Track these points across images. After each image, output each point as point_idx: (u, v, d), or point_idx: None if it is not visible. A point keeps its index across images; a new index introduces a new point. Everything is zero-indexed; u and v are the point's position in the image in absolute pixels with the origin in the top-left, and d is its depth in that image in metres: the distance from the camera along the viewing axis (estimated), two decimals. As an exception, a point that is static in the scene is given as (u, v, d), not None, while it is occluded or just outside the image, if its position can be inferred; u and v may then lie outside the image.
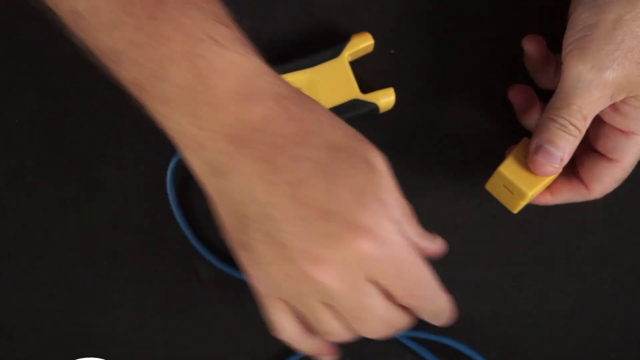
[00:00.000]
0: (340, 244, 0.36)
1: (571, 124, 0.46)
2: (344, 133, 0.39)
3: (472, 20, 0.56)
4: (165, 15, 0.37)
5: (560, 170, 0.48)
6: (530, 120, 0.52)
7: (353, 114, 0.53)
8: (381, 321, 0.41)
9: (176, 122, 0.38)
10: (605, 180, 0.49)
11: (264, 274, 0.39)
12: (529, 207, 0.55)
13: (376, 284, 0.39)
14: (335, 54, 0.53)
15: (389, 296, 0.40)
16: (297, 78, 0.53)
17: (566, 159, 0.47)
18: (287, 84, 0.40)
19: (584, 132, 0.47)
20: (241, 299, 0.55)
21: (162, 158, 0.54)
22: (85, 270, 0.55)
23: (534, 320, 0.55)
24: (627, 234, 0.55)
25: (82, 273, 0.55)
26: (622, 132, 0.48)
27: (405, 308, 0.42)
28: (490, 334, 0.55)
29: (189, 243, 0.54)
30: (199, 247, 0.54)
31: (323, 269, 0.37)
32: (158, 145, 0.48)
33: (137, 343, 0.55)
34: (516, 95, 0.53)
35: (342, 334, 0.42)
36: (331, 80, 0.53)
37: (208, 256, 0.54)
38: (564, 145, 0.46)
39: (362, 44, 0.54)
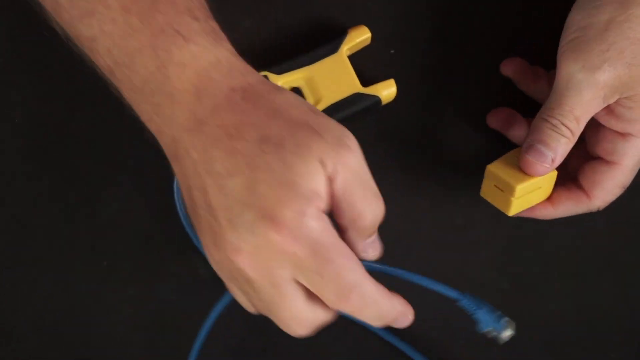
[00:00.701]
0: (252, 235, 0.37)
1: (563, 124, 0.46)
2: (284, 124, 0.39)
3: (471, 11, 0.56)
4: (137, 8, 0.40)
5: (551, 170, 0.48)
6: (517, 136, 0.53)
7: (356, 108, 0.53)
8: (296, 321, 0.40)
9: (143, 110, 0.42)
10: (605, 185, 0.49)
11: (209, 255, 0.41)
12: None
13: (300, 284, 0.39)
14: (334, 49, 0.53)
15: (315, 297, 0.40)
16: (296, 77, 0.53)
17: (558, 160, 0.47)
18: (247, 75, 0.41)
19: (577, 133, 0.47)
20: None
21: (164, 157, 0.54)
22: (85, 270, 0.55)
23: (534, 320, 0.55)
24: (627, 234, 0.55)
25: (82, 273, 0.55)
26: (619, 134, 0.48)
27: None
28: (490, 334, 0.55)
29: (189, 243, 0.54)
30: (199, 247, 0.54)
31: (241, 257, 0.38)
32: (159, 144, 0.48)
33: (137, 343, 0.55)
34: (494, 121, 0.54)
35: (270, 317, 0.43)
36: (331, 76, 0.53)
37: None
38: (555, 145, 0.46)
39: (359, 37, 0.54)
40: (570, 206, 0.51)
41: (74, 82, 0.56)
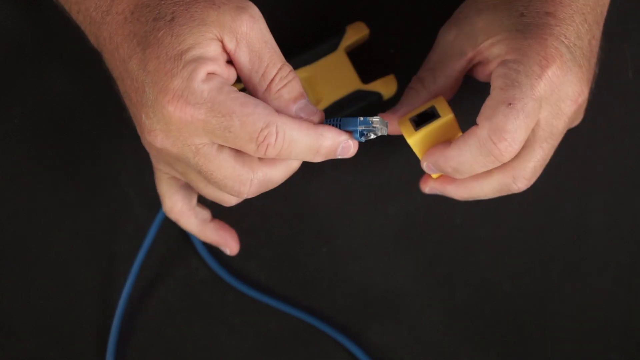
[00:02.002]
0: (155, 111, 0.39)
1: (416, 76, 0.47)
2: (179, 2, 0.40)
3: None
4: None
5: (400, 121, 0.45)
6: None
7: (358, 105, 0.53)
8: (235, 179, 0.40)
9: (70, 6, 0.44)
10: (491, 112, 0.42)
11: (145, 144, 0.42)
12: (530, 207, 0.55)
13: (220, 144, 0.40)
14: (333, 47, 0.53)
15: (244, 154, 0.40)
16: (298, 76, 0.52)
17: (403, 109, 0.46)
18: None
19: (428, 84, 0.46)
20: (240, 299, 0.55)
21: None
22: (85, 270, 0.55)
23: (534, 320, 0.55)
24: (627, 235, 0.55)
25: (82, 273, 0.55)
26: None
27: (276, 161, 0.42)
28: (490, 334, 0.55)
29: (190, 243, 0.54)
30: (199, 247, 0.54)
31: (157, 138, 0.39)
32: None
33: (137, 343, 0.55)
34: (428, 188, 0.50)
35: (221, 198, 0.44)
36: (332, 75, 0.53)
37: (208, 256, 0.54)
38: (403, 97, 0.47)
39: (358, 34, 0.53)
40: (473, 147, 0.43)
41: (74, 82, 0.56)
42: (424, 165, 0.46)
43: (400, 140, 0.55)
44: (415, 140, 0.44)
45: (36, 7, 0.56)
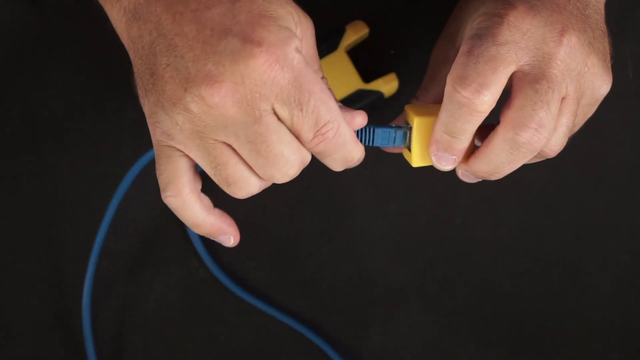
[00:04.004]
0: (235, 59, 0.36)
1: None
2: None
3: None
4: None
5: None
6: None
7: (359, 104, 0.53)
8: (285, 159, 0.39)
9: None
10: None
11: (165, 115, 0.39)
12: (530, 207, 0.55)
13: (279, 117, 0.38)
14: (333, 47, 0.53)
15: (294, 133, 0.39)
16: None
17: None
18: None
19: (429, 92, 0.46)
20: (240, 299, 0.55)
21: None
22: (85, 270, 0.55)
23: (534, 320, 0.55)
24: (627, 235, 0.55)
25: (81, 273, 0.55)
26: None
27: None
28: (490, 334, 0.55)
29: (189, 243, 0.54)
30: (199, 247, 0.54)
31: (218, 88, 0.37)
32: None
33: (137, 343, 0.55)
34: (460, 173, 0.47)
35: (247, 181, 0.40)
36: (333, 75, 0.52)
37: (207, 257, 0.54)
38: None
39: (357, 34, 0.53)
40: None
41: (74, 83, 0.56)
42: (432, 156, 0.44)
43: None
44: (417, 158, 0.44)
45: (36, 7, 0.56)
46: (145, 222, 0.55)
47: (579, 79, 0.40)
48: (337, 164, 0.41)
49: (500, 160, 0.41)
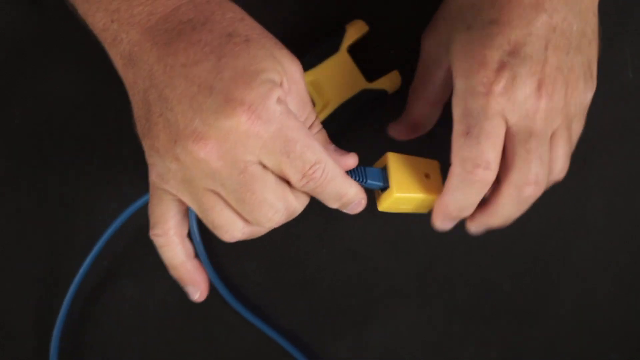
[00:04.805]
0: (218, 117, 0.38)
1: None
2: (250, 28, 0.41)
3: None
4: None
5: None
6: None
7: (364, 104, 0.52)
8: (270, 205, 0.41)
9: (97, 19, 0.42)
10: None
11: (160, 160, 0.41)
12: (530, 207, 0.55)
13: (265, 166, 0.40)
14: (334, 48, 0.52)
15: (283, 179, 0.41)
16: None
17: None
18: None
19: (420, 94, 0.49)
20: (240, 299, 0.55)
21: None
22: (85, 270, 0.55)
23: (534, 320, 0.55)
24: (627, 235, 0.55)
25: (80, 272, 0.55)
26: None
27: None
28: (490, 334, 0.55)
29: (190, 243, 0.54)
30: (199, 247, 0.54)
31: (204, 144, 0.39)
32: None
33: (137, 343, 0.55)
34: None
35: (232, 226, 0.43)
36: (336, 76, 0.52)
37: (207, 257, 0.54)
38: None
39: (358, 33, 0.53)
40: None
41: (74, 83, 0.56)
42: (437, 222, 0.47)
43: (400, 142, 0.55)
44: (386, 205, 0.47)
45: (36, 7, 0.56)
46: (145, 223, 0.55)
47: (565, 110, 0.44)
48: (330, 201, 0.44)
49: (509, 213, 0.45)
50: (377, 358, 0.55)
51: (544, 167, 0.44)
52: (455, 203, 0.45)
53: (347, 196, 0.44)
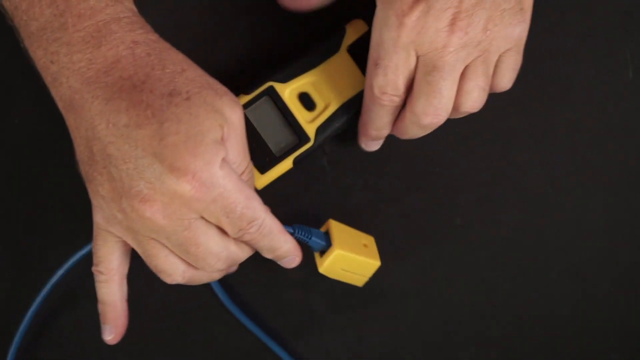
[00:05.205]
0: (163, 184, 0.39)
1: None
2: (191, 82, 0.41)
3: None
4: None
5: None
6: None
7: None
8: (213, 255, 0.43)
9: (38, 57, 0.42)
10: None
11: (106, 206, 0.42)
12: (530, 207, 0.55)
13: (208, 220, 0.42)
14: (335, 48, 0.52)
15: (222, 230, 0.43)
16: (303, 82, 0.52)
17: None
18: (148, 32, 0.43)
19: None
20: (239, 299, 0.55)
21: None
22: (85, 270, 0.55)
23: (534, 320, 0.55)
24: (627, 235, 0.55)
25: (82, 273, 0.55)
26: None
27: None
28: (490, 334, 0.55)
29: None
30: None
31: (149, 206, 0.40)
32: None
33: (137, 343, 0.55)
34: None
35: (175, 271, 0.44)
36: (337, 77, 0.52)
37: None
38: None
39: (358, 33, 0.52)
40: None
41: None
42: (362, 144, 0.52)
43: (400, 141, 0.55)
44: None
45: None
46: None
47: (484, 45, 0.44)
48: (265, 252, 0.47)
49: (413, 133, 0.48)
50: (377, 358, 0.55)
51: (442, 100, 0.45)
52: (372, 123, 0.49)
53: (281, 250, 0.47)
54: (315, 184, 0.55)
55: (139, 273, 0.55)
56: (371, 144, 0.52)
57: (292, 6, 0.51)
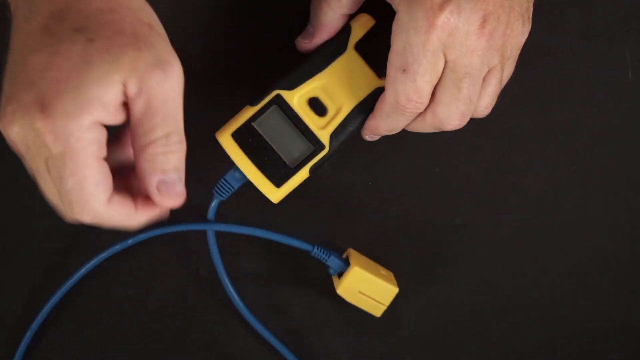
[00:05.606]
0: (24, 114, 0.37)
1: None
2: (109, 24, 0.38)
3: None
4: None
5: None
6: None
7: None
8: (51, 190, 0.40)
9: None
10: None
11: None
12: (530, 207, 0.55)
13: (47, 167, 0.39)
14: (342, 47, 0.49)
15: None
16: (312, 87, 0.49)
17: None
18: None
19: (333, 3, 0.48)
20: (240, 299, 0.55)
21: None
22: (85, 271, 0.55)
23: (534, 320, 0.55)
24: (627, 235, 0.55)
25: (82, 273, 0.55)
26: None
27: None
28: (490, 334, 0.55)
29: (189, 243, 0.54)
30: (199, 247, 0.54)
31: (9, 127, 0.38)
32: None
33: (137, 343, 0.55)
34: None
35: (47, 194, 0.42)
36: (347, 78, 0.49)
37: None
38: None
39: (365, 29, 0.50)
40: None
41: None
42: (366, 136, 0.50)
43: (400, 141, 0.55)
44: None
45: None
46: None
47: (502, 51, 0.43)
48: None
49: (426, 131, 0.47)
50: (377, 358, 0.55)
51: (471, 107, 0.44)
52: (386, 126, 0.47)
53: (105, 221, 0.42)
54: (315, 183, 0.55)
55: (139, 273, 0.55)
56: (375, 138, 0.50)
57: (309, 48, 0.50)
